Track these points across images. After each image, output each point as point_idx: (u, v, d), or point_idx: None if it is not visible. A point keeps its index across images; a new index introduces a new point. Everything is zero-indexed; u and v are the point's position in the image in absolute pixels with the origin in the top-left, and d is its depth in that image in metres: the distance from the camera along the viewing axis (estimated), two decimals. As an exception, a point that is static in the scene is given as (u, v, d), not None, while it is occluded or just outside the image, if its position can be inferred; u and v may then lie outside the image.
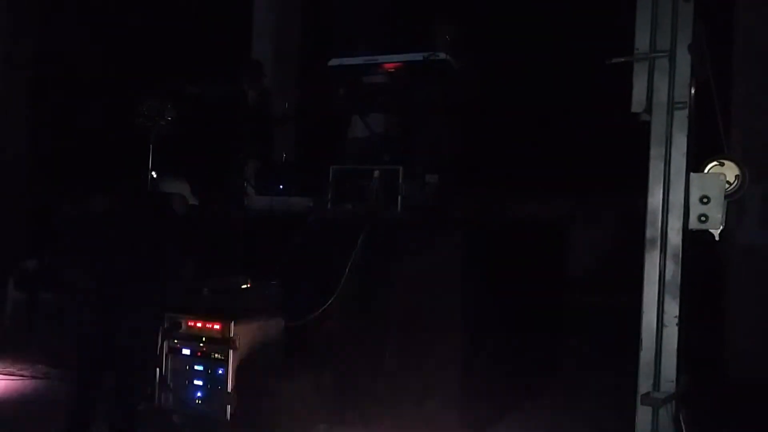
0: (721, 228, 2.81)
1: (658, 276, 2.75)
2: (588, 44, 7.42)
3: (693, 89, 2.82)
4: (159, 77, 7.82)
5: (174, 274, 4.75)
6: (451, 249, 5.04)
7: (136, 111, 6.74)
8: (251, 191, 7.13)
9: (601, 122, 7.74)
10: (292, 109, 7.96)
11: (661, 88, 2.80)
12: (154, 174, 6.43)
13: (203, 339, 4.87)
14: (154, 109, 6.68)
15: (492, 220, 6.11)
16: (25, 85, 10.79)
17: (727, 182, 2.86)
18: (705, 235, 2.85)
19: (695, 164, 2.85)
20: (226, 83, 7.12)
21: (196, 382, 4.86)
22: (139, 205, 5.02)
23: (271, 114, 7.58)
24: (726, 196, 2.81)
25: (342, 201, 5.72)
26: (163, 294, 4.71)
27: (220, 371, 4.78)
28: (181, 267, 4.86)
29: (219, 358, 4.79)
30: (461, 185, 6.37)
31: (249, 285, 5.22)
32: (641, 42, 2.84)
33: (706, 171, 2.92)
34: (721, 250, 7.08)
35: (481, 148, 7.33)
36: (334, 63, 6.32)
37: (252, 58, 9.31)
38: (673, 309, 2.74)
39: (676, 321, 2.73)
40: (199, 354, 4.87)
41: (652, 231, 2.79)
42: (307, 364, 5.12)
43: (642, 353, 2.76)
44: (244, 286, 5.20)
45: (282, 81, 9.34)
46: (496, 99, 7.58)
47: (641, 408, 2.72)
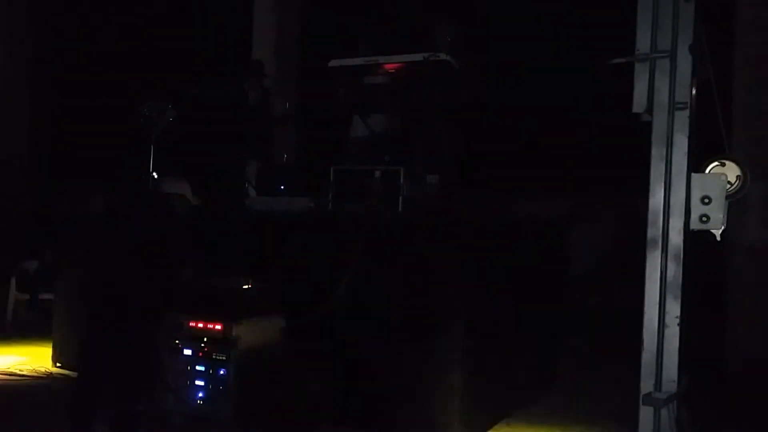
0: (723, 228, 2.81)
1: (659, 276, 2.76)
2: (589, 44, 7.43)
3: (694, 89, 2.82)
4: (160, 77, 7.82)
5: (175, 275, 4.75)
6: (452, 249, 5.04)
7: (136, 111, 6.75)
8: (252, 191, 7.14)
9: (601, 122, 7.75)
10: (292, 110, 7.96)
11: (662, 88, 2.80)
12: (155, 174, 6.44)
13: (205, 339, 4.87)
14: (155, 109, 6.69)
15: (492, 220, 6.11)
16: (26, 86, 10.81)
17: (729, 182, 2.86)
18: (706, 235, 2.86)
19: (696, 164, 2.86)
20: (227, 83, 7.13)
21: (197, 382, 4.86)
22: (139, 205, 5.02)
23: (272, 114, 7.58)
24: (727, 197, 2.81)
25: (343, 201, 5.72)
26: (165, 294, 4.71)
27: (221, 372, 4.78)
28: (183, 267, 4.86)
29: (220, 358, 4.80)
30: (462, 185, 6.37)
31: (250, 285, 5.23)
32: (642, 42, 2.84)
33: (707, 171, 2.92)
34: (722, 251, 7.09)
35: (482, 148, 7.34)
36: (334, 63, 6.32)
37: (253, 58, 9.32)
38: (674, 309, 2.74)
39: (677, 321, 2.73)
40: (200, 354, 4.87)
41: (654, 231, 2.79)
42: (308, 364, 5.12)
43: (643, 353, 2.77)
44: (245, 287, 5.21)
45: (283, 81, 9.34)
46: (496, 99, 7.58)
47: (643, 408, 2.72)
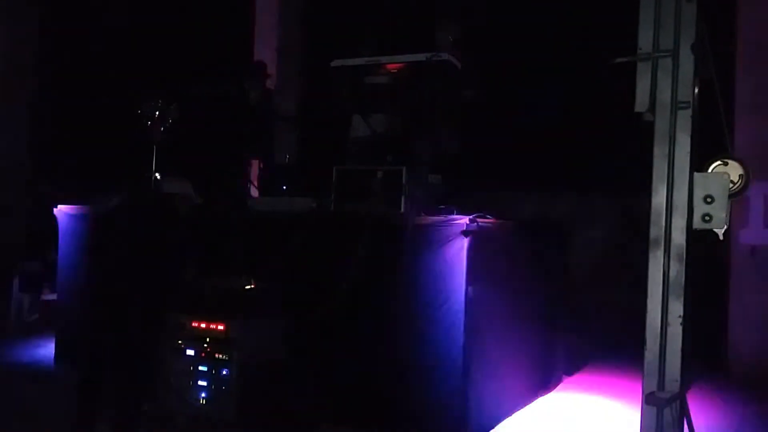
0: (725, 227, 2.81)
1: (662, 275, 2.75)
2: (590, 44, 7.44)
3: (696, 89, 2.82)
4: (162, 78, 7.83)
5: (176, 275, 4.76)
6: (454, 249, 5.04)
7: (138, 111, 6.75)
8: (254, 191, 7.15)
9: (603, 122, 7.75)
10: (294, 110, 7.96)
11: (665, 87, 2.80)
12: (157, 175, 6.44)
13: (207, 339, 4.87)
14: (157, 109, 6.68)
15: (493, 220, 6.10)
16: (27, 85, 10.81)
17: (731, 182, 2.86)
18: (709, 234, 2.85)
19: (699, 164, 2.85)
20: (229, 84, 7.13)
21: (200, 382, 4.87)
22: (140, 205, 5.02)
23: (274, 114, 7.59)
24: (730, 196, 2.81)
25: (345, 201, 5.72)
26: (165, 294, 4.72)
27: (224, 372, 4.79)
28: (183, 267, 4.86)
29: (223, 358, 4.80)
30: (464, 185, 6.37)
31: (252, 285, 5.23)
32: (644, 42, 2.83)
33: (709, 170, 2.92)
34: (724, 250, 7.09)
35: (483, 147, 7.34)
36: (336, 63, 6.32)
37: (255, 58, 9.33)
38: (677, 308, 2.73)
39: (680, 321, 2.73)
40: (203, 354, 4.87)
41: (656, 230, 2.78)
42: (310, 364, 5.13)
43: (646, 353, 2.76)
44: (247, 287, 5.21)
45: (285, 82, 9.35)
46: (498, 99, 7.58)
47: (646, 408, 2.72)
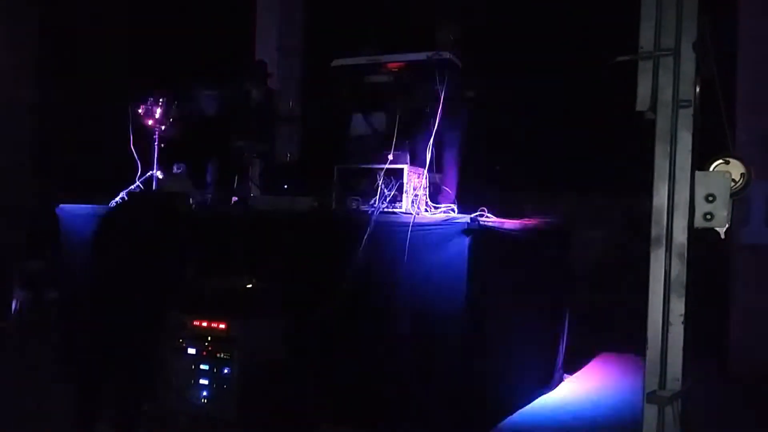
0: (727, 226, 2.80)
1: (663, 274, 2.75)
2: (591, 43, 7.43)
3: (698, 87, 2.81)
4: (163, 77, 7.83)
5: (178, 274, 4.76)
6: (455, 248, 5.04)
7: (139, 111, 6.75)
8: (256, 190, 7.14)
9: (604, 121, 7.74)
10: (296, 109, 7.96)
11: (666, 86, 2.79)
12: (159, 174, 6.44)
13: (208, 338, 4.88)
14: (158, 109, 6.69)
15: (494, 219, 6.10)
16: (27, 86, 10.81)
17: (733, 180, 2.85)
18: (710, 233, 2.85)
19: (700, 163, 2.84)
20: (231, 83, 7.12)
21: (201, 381, 4.87)
22: (141, 204, 5.02)
23: (276, 114, 7.58)
24: (731, 195, 2.80)
25: (346, 200, 5.72)
26: (168, 293, 4.72)
27: (225, 371, 4.79)
28: (185, 266, 4.86)
29: (224, 357, 4.80)
30: (464, 184, 6.36)
31: (253, 284, 5.23)
32: (645, 40, 2.83)
33: (711, 169, 2.91)
34: (725, 249, 7.09)
35: (485, 147, 7.33)
36: (337, 63, 6.32)
37: (256, 57, 9.32)
38: (678, 307, 2.73)
39: (681, 319, 2.73)
40: (204, 353, 4.88)
41: (658, 229, 2.78)
42: (310, 364, 5.12)
43: (648, 351, 2.76)
44: (248, 286, 5.21)
45: (286, 81, 9.35)
46: (499, 98, 7.57)
47: (647, 406, 2.71)
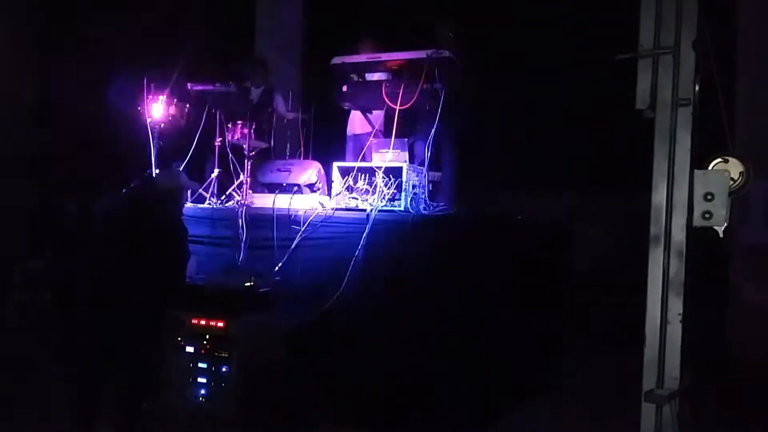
0: (725, 225, 2.80)
1: (661, 273, 2.75)
2: (591, 41, 7.42)
3: (697, 86, 2.81)
4: (162, 74, 7.82)
5: (177, 272, 4.75)
6: (453, 246, 5.04)
7: (138, 109, 6.75)
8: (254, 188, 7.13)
9: (604, 120, 7.73)
10: (295, 107, 7.96)
11: (665, 85, 2.79)
12: (157, 171, 6.44)
13: (207, 337, 4.88)
14: (158, 107, 6.69)
15: (494, 218, 6.11)
16: (27, 84, 10.80)
17: (731, 179, 2.85)
18: (709, 232, 2.85)
19: (699, 161, 2.84)
20: (230, 80, 7.12)
21: (200, 379, 4.87)
22: (140, 203, 5.01)
23: (275, 111, 7.58)
24: (730, 193, 2.80)
25: (346, 198, 5.72)
26: (167, 291, 4.71)
27: (224, 369, 4.79)
28: (184, 264, 4.86)
29: (223, 355, 4.80)
30: (464, 182, 6.37)
31: (252, 282, 5.23)
32: (645, 39, 2.82)
33: (710, 168, 2.91)
34: (725, 248, 7.08)
35: (484, 145, 7.33)
36: (337, 60, 6.32)
37: (255, 55, 9.31)
38: (676, 306, 2.73)
39: (679, 318, 2.73)
40: (202, 352, 4.88)
41: (656, 228, 2.78)
42: (310, 364, 5.12)
43: (646, 350, 2.76)
44: (247, 284, 5.21)
45: (286, 79, 9.33)
46: (498, 96, 7.57)
47: (645, 405, 2.71)
